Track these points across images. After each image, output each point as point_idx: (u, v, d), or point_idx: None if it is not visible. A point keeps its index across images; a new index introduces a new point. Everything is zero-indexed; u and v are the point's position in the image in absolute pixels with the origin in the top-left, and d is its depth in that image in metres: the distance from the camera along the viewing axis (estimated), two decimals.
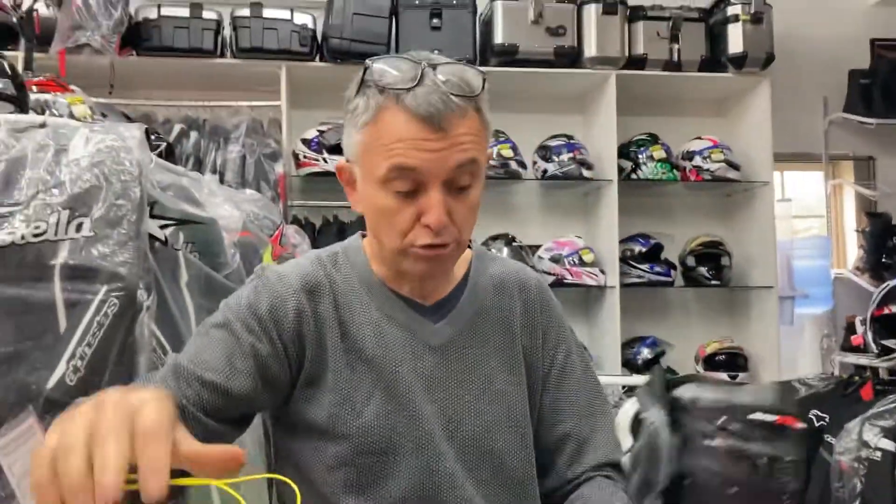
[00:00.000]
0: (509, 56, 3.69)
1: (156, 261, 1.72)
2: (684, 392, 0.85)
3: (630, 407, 0.91)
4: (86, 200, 1.56)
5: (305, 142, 3.62)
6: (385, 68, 0.99)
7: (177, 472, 0.59)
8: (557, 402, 1.16)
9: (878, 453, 2.51)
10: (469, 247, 1.20)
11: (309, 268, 1.11)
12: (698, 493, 0.81)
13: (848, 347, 3.36)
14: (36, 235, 1.54)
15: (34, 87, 2.22)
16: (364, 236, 1.17)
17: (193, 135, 3.44)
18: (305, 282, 1.08)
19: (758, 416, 0.80)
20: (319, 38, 3.61)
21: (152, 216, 1.75)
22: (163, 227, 1.82)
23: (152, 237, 1.73)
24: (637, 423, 0.86)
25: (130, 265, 1.56)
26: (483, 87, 1.00)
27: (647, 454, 0.86)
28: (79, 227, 1.57)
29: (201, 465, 0.61)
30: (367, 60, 1.01)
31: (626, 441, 0.91)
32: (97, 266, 1.54)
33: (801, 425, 0.81)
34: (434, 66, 0.98)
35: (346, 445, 1.03)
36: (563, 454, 1.14)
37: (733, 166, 3.84)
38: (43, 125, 1.76)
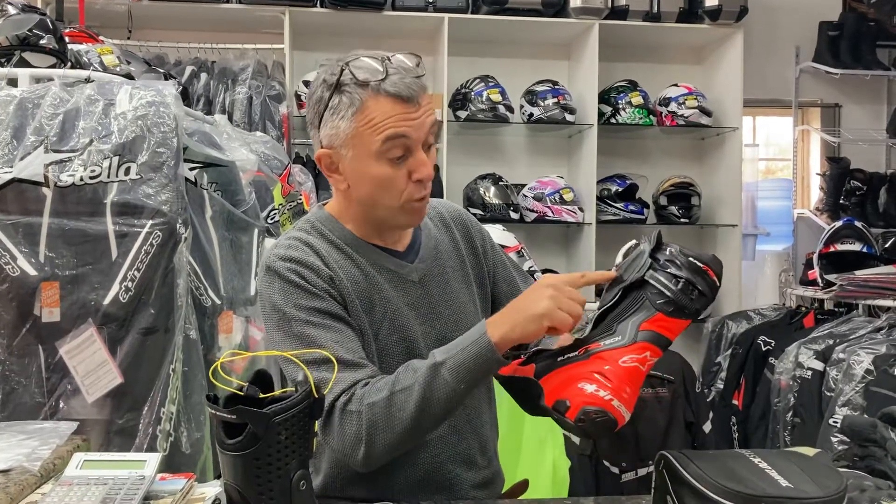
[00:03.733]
0: (499, 5, 3.93)
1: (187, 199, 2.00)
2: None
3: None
4: (132, 148, 1.85)
5: (307, 83, 3.88)
6: (357, 69, 1.23)
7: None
8: (510, 289, 1.51)
9: (809, 372, 2.88)
10: None
11: (308, 247, 1.31)
12: (644, 298, 1.17)
13: (805, 281, 3.70)
14: (92, 178, 1.84)
15: (67, 38, 2.45)
16: (323, 206, 1.44)
17: (203, 76, 3.68)
18: (316, 257, 1.32)
19: (693, 259, 1.16)
20: None
21: (184, 160, 2.02)
22: (191, 169, 2.11)
23: (185, 178, 2.01)
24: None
25: (171, 203, 1.86)
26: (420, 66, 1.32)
27: (630, 262, 1.20)
28: (127, 171, 1.86)
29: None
30: (340, 64, 1.27)
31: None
32: (143, 204, 1.84)
33: (715, 278, 1.17)
34: (389, 59, 1.25)
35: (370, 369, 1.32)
36: None
37: (706, 112, 4.11)
38: (88, 80, 2.04)
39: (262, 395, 0.91)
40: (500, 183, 4.01)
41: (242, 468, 0.88)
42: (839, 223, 3.50)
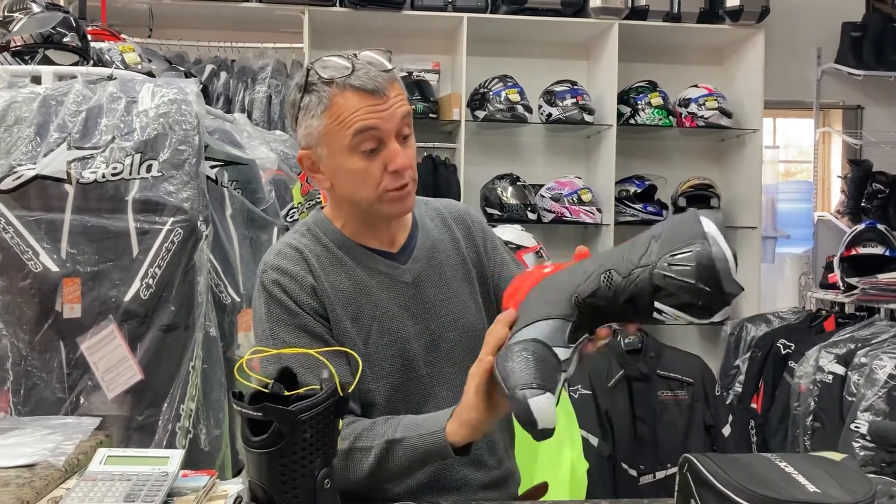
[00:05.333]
0: (519, 4, 3.92)
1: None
2: None
3: None
4: (154, 146, 1.86)
5: None
6: (323, 68, 1.26)
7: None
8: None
9: (830, 377, 2.85)
10: None
11: (297, 254, 1.33)
12: None
13: (826, 285, 3.67)
14: (114, 174, 1.84)
15: (89, 37, 2.46)
16: (322, 208, 1.45)
17: (223, 75, 3.69)
18: (304, 265, 1.33)
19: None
20: None
21: (205, 158, 2.03)
22: (212, 167, 2.12)
23: (206, 176, 2.01)
24: None
25: (192, 201, 1.86)
26: (391, 63, 1.32)
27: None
28: (149, 168, 1.87)
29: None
30: (306, 65, 1.30)
31: None
32: (164, 201, 1.85)
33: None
34: (356, 55, 1.27)
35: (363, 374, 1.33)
36: None
37: (726, 114, 4.08)
38: (111, 77, 2.05)
39: (286, 393, 0.91)
40: (518, 183, 3.99)
41: (267, 466, 0.88)
42: (861, 226, 3.46)
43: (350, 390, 0.95)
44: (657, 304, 1.01)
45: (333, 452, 0.92)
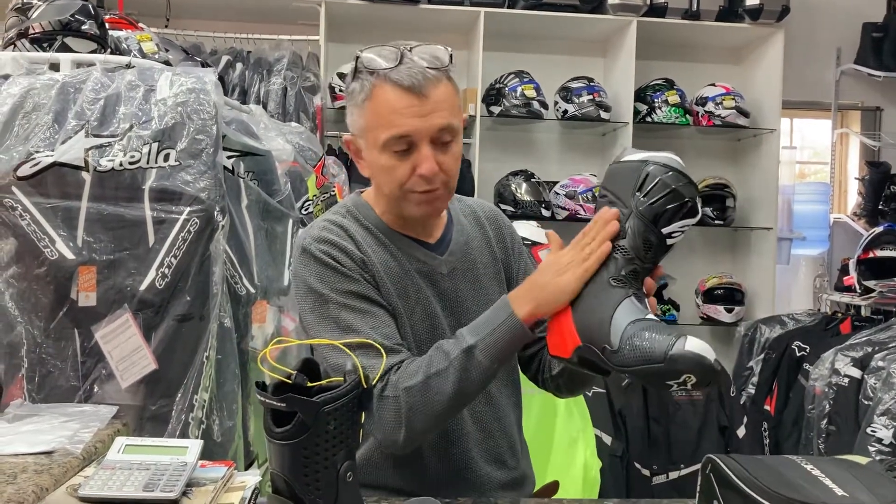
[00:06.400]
0: (536, 0, 3.89)
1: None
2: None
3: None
4: (171, 135, 1.85)
5: (341, 76, 3.87)
6: (372, 56, 1.25)
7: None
8: None
9: (846, 380, 2.82)
10: None
11: (342, 230, 1.32)
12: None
13: (841, 287, 3.63)
14: (131, 163, 1.83)
15: (107, 25, 2.45)
16: (361, 193, 1.44)
17: (239, 66, 3.69)
18: (350, 241, 1.33)
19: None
20: None
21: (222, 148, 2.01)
22: (228, 157, 2.10)
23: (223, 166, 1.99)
24: None
25: (209, 191, 1.85)
26: (450, 60, 1.29)
27: None
28: (166, 157, 1.85)
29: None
30: (357, 51, 1.29)
31: None
32: (181, 190, 1.83)
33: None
34: (410, 49, 1.25)
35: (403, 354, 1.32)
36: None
37: (743, 113, 4.05)
38: (129, 66, 2.04)
39: (309, 384, 0.89)
40: (532, 180, 3.98)
41: (290, 457, 0.86)
42: (879, 228, 3.43)
43: (375, 378, 0.93)
44: (664, 231, 1.12)
45: (356, 445, 0.90)
